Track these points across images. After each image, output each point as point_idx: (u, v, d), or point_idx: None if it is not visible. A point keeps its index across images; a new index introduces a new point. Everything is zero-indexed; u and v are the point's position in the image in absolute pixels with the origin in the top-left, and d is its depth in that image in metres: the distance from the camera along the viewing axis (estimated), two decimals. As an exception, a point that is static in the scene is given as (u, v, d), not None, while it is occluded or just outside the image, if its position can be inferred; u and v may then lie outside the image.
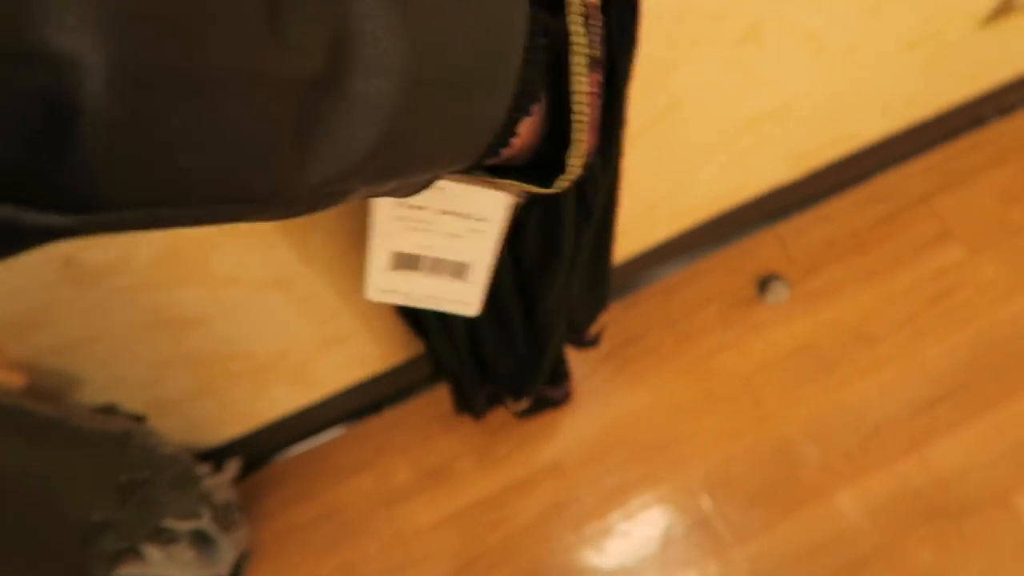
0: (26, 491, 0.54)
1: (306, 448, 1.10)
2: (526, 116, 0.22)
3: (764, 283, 1.11)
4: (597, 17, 0.23)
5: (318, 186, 0.18)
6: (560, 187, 0.25)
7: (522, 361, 0.75)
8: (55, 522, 0.57)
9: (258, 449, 1.06)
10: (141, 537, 0.68)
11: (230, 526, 0.89)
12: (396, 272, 0.38)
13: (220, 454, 1.00)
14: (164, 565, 0.72)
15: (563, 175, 0.24)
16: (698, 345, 1.10)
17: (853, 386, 1.06)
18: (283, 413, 0.99)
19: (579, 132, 0.23)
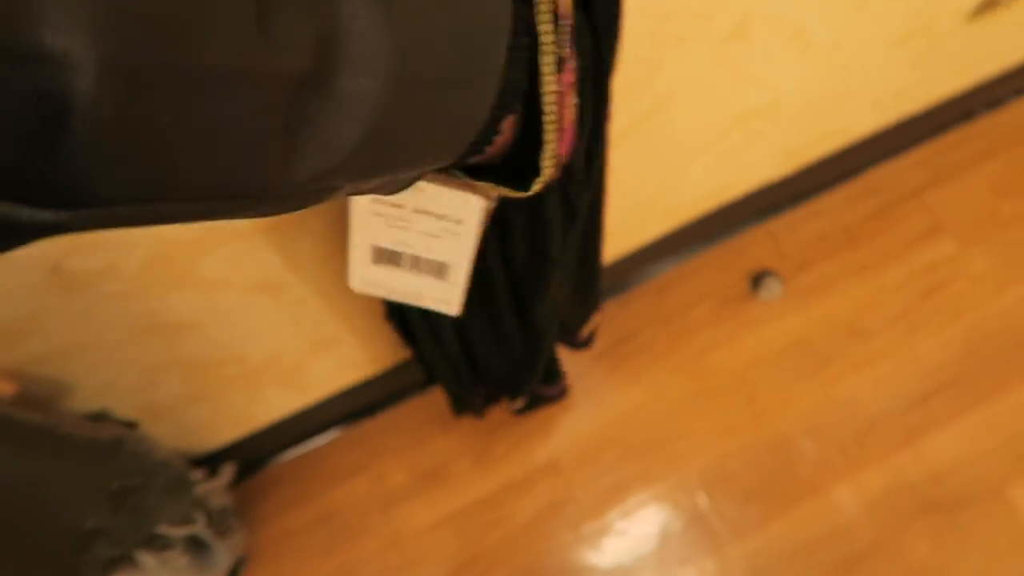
0: (16, 499, 0.54)
1: (301, 452, 1.10)
2: (509, 114, 0.22)
3: (757, 280, 1.11)
4: (567, 15, 0.23)
5: (306, 183, 0.18)
6: (534, 189, 0.25)
7: (517, 362, 0.75)
8: (47, 530, 0.57)
9: (253, 453, 1.05)
10: (134, 544, 0.68)
11: (226, 531, 0.89)
12: (378, 266, 0.39)
13: (215, 459, 1.00)
14: (158, 571, 0.71)
15: (538, 177, 0.25)
16: (692, 343, 1.10)
17: (847, 381, 1.07)
18: (277, 417, 0.99)
19: (550, 133, 0.23)
